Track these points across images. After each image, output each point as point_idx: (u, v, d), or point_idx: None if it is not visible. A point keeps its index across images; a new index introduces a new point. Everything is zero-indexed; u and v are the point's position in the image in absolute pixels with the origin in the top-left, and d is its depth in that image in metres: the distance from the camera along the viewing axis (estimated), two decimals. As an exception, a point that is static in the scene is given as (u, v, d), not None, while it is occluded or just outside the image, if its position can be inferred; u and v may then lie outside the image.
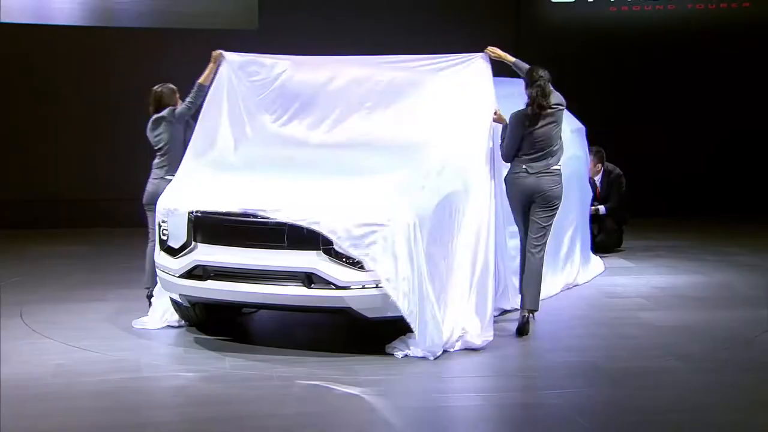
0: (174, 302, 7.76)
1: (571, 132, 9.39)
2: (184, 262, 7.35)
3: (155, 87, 8.46)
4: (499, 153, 7.90)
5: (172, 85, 8.48)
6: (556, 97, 7.86)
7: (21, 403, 6.13)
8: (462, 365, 7.04)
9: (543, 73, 7.81)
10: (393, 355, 7.11)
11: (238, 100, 8.24)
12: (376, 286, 6.96)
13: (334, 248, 6.96)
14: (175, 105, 8.37)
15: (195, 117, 8.19)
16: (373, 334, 7.51)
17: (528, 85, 7.82)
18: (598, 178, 11.34)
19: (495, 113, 7.89)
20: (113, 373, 6.78)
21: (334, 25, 13.31)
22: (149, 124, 8.37)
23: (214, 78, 8.24)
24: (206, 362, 7.05)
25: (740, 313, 8.57)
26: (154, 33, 13.16)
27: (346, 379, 6.63)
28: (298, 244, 7.03)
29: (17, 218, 12.84)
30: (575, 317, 8.47)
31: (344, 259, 6.96)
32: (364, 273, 6.96)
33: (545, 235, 7.85)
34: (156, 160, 8.31)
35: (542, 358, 7.30)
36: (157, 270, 7.67)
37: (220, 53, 8.34)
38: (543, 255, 7.85)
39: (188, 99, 8.26)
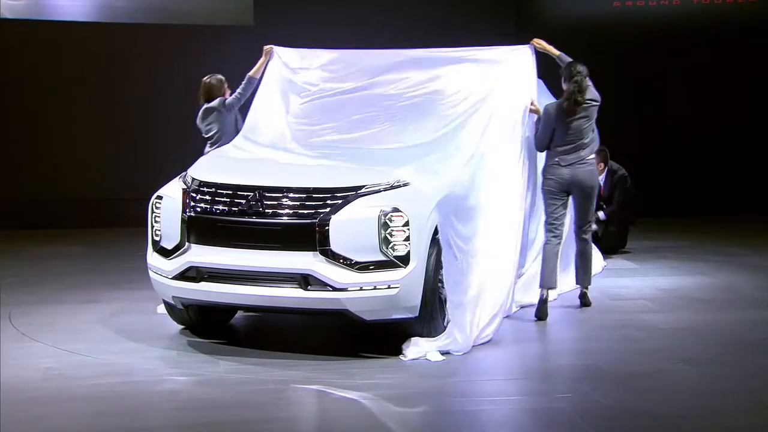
0: (167, 305, 7.73)
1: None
2: (178, 263, 7.32)
3: (205, 78, 9.07)
4: (533, 143, 8.44)
5: (220, 76, 9.05)
6: (591, 93, 8.36)
7: (9, 408, 6.09)
8: (463, 368, 7.02)
9: (581, 68, 8.32)
10: (399, 357, 7.10)
11: (285, 94, 8.58)
12: (375, 288, 6.93)
13: (331, 249, 6.94)
14: (223, 96, 8.95)
15: (244, 109, 8.67)
16: (370, 336, 7.50)
17: (566, 80, 8.33)
18: (602, 178, 11.30)
19: (531, 103, 8.37)
20: (104, 376, 6.74)
21: (330, 19, 13.31)
22: (200, 114, 8.95)
23: (264, 71, 8.75)
24: (200, 366, 7.02)
25: (746, 314, 8.55)
26: (149, 29, 13.15)
27: (342, 383, 6.60)
28: (293, 245, 7.01)
29: (16, 218, 12.81)
30: (578, 319, 8.45)
31: (341, 260, 6.93)
32: (362, 274, 6.93)
33: (589, 221, 8.54)
34: (206, 149, 8.81)
35: (545, 361, 7.27)
36: (149, 272, 7.64)
37: (272, 48, 8.83)
38: (590, 237, 8.60)
39: (238, 90, 8.82)
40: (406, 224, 6.99)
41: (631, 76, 14.30)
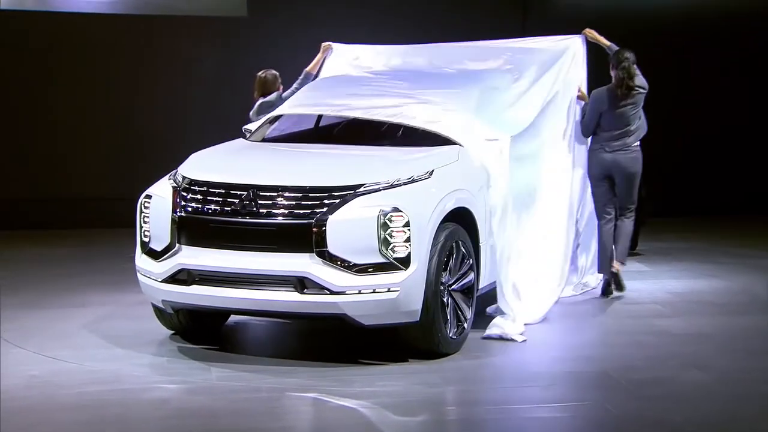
0: (156, 309, 7.69)
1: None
2: (168, 265, 7.28)
3: (260, 73, 9.45)
4: (580, 129, 8.99)
5: (275, 71, 9.43)
6: (639, 80, 8.94)
7: (-9, 418, 6.07)
8: (467, 374, 7.01)
9: (629, 54, 8.91)
10: (400, 364, 7.04)
11: (336, 91, 8.65)
12: (374, 291, 6.90)
13: (328, 250, 6.91)
14: (278, 90, 9.32)
15: None
16: (369, 342, 7.47)
17: (614, 66, 8.92)
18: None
19: (579, 90, 8.93)
20: (91, 384, 6.72)
21: (324, 10, 13.30)
22: (255, 108, 9.27)
23: (321, 67, 9.31)
24: (191, 373, 7.00)
25: (761, 319, 8.54)
26: (142, 20, 13.14)
27: (340, 391, 6.58)
28: (289, 246, 6.98)
29: (5, 218, 12.76)
30: (588, 324, 8.43)
31: (339, 262, 6.90)
32: (361, 277, 6.90)
33: (632, 203, 9.10)
34: None
35: (553, 368, 7.24)
36: (138, 275, 7.60)
37: (329, 45, 9.47)
38: (633, 218, 9.14)
39: (294, 85, 9.23)
40: (407, 225, 6.96)
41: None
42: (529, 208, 8.28)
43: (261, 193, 7.12)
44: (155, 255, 7.37)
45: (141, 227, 7.54)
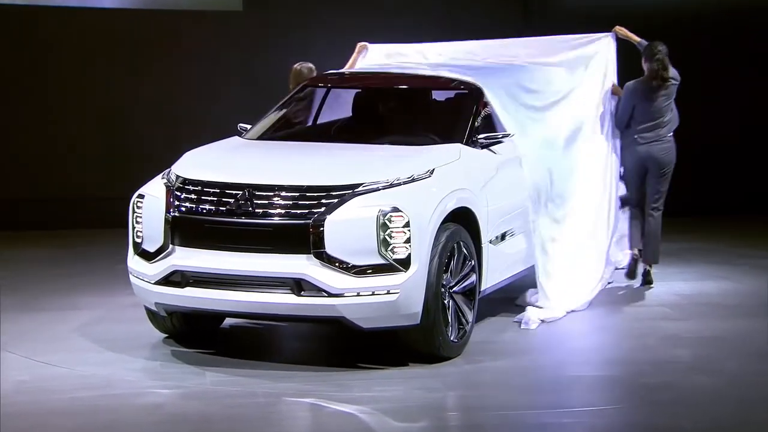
0: (149, 312, 7.69)
1: (541, 145, 9.39)
2: (161, 267, 7.28)
3: (295, 65, 9.74)
4: (614, 122, 9.39)
5: (310, 64, 9.72)
6: (671, 71, 9.36)
7: (-21, 424, 6.08)
8: (469, 379, 7.01)
9: (662, 47, 9.34)
10: (399, 368, 7.03)
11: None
12: (373, 294, 6.90)
13: (325, 251, 6.90)
14: None
15: None
16: (369, 346, 7.47)
17: (648, 59, 9.33)
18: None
19: (612, 85, 9.36)
20: (82, 389, 6.72)
21: (320, 5, 13.30)
22: None
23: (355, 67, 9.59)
24: (184, 377, 7.00)
25: (772, 322, 8.53)
26: (136, 14, 13.14)
27: (338, 396, 6.58)
28: (286, 247, 6.98)
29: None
30: (594, 327, 8.43)
31: (337, 264, 6.90)
32: (360, 279, 6.90)
33: (662, 198, 9.48)
34: None
35: (559, 373, 7.24)
36: (130, 276, 7.60)
37: (365, 45, 9.78)
38: (660, 215, 9.49)
39: None
40: (407, 225, 6.96)
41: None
42: (565, 196, 8.80)
43: (257, 193, 7.11)
44: (148, 256, 7.37)
45: (133, 228, 7.53)
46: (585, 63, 9.41)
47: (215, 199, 7.20)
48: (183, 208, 7.28)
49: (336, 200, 7.02)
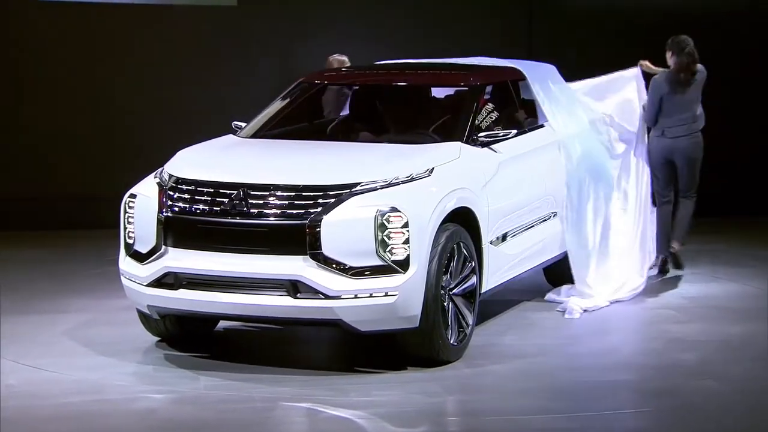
0: (141, 314, 7.71)
1: (580, 129, 9.43)
2: (153, 268, 7.30)
3: (330, 56, 10.23)
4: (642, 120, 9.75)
5: (342, 57, 10.19)
6: (699, 65, 9.77)
7: (-34, 429, 6.09)
8: (468, 383, 7.02)
9: (690, 40, 9.74)
10: (398, 372, 7.04)
11: None
12: (371, 296, 6.92)
13: (322, 253, 6.92)
14: None
15: None
16: (366, 349, 7.48)
17: (675, 53, 9.72)
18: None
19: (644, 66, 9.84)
20: (73, 395, 6.73)
21: (315, 1, 13.30)
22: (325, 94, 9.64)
23: None
24: (178, 382, 7.01)
25: (782, 326, 8.55)
26: (130, 9, 13.15)
27: (336, 401, 6.60)
28: (281, 248, 6.99)
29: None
30: (597, 331, 8.43)
31: (334, 265, 6.92)
32: (357, 280, 6.92)
33: (693, 186, 9.89)
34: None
35: (562, 377, 7.25)
36: (122, 278, 7.62)
37: None
38: (693, 201, 9.94)
39: None
40: (406, 225, 6.98)
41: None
42: (612, 185, 9.39)
43: (252, 192, 7.13)
44: (140, 257, 7.38)
45: (125, 228, 7.55)
46: (616, 90, 9.79)
47: (209, 198, 7.22)
48: (176, 208, 7.30)
49: (333, 200, 7.04)
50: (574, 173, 9.01)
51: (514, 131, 8.25)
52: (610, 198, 9.38)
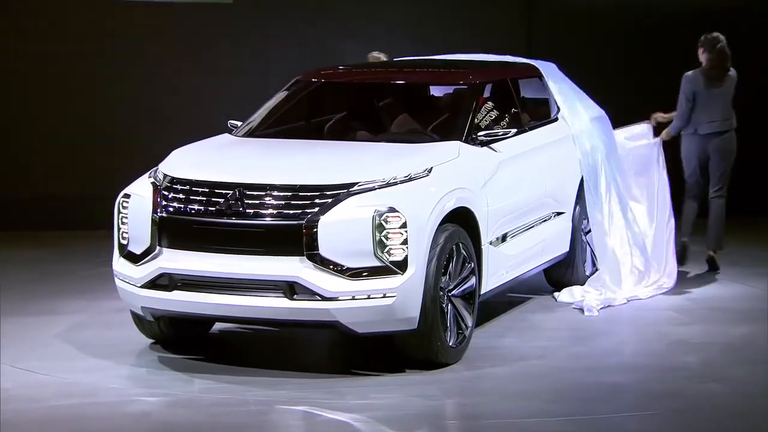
0: (135, 316, 7.71)
1: (591, 120, 9.44)
2: (147, 269, 7.30)
3: (372, 52, 10.50)
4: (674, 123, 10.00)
5: (378, 54, 10.45)
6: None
7: (-42, 433, 6.10)
8: (467, 386, 7.03)
9: (722, 36, 9.92)
10: (398, 374, 7.05)
11: None
12: (368, 297, 6.93)
13: (319, 253, 6.93)
14: None
15: None
16: (364, 351, 7.48)
17: (707, 50, 9.91)
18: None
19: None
20: (65, 397, 6.74)
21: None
22: None
23: None
24: (172, 385, 7.01)
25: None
26: (126, 6, 13.16)
27: (333, 404, 6.60)
28: (278, 249, 7.00)
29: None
30: (597, 332, 8.44)
31: (331, 266, 6.92)
32: (355, 282, 6.93)
33: (724, 186, 10.08)
34: None
35: (562, 380, 7.25)
36: (115, 280, 7.62)
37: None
38: (724, 201, 10.14)
39: None
40: (404, 226, 6.99)
41: (649, 65, 14.26)
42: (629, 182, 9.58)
43: (248, 192, 7.14)
44: (134, 258, 7.38)
45: (119, 229, 7.55)
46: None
47: (204, 198, 7.22)
48: (171, 209, 7.30)
49: (330, 200, 7.04)
50: (590, 163, 9.27)
51: (514, 130, 8.25)
52: (630, 187, 9.57)
